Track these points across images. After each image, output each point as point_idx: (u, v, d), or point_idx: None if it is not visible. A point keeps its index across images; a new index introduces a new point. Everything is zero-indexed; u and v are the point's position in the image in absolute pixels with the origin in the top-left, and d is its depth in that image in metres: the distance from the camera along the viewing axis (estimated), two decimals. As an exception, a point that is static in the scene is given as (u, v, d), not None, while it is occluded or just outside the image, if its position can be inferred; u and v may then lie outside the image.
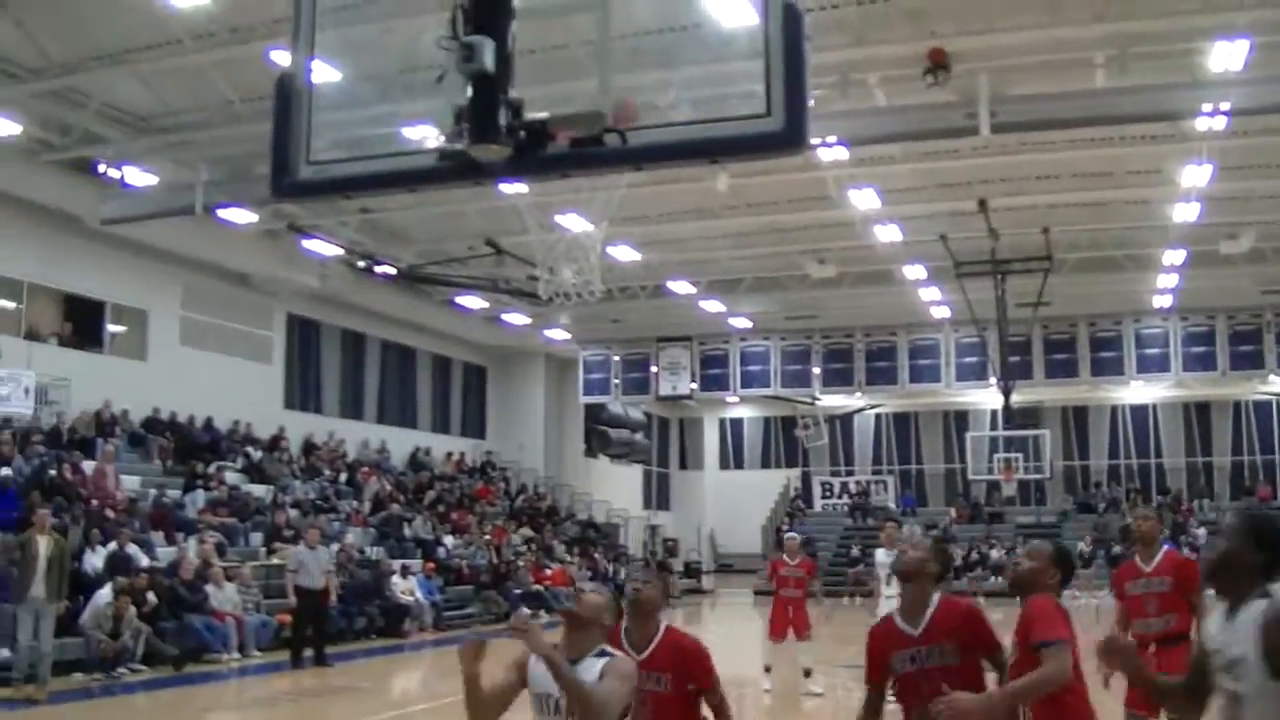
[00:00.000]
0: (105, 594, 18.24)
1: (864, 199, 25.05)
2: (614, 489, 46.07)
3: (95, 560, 19.81)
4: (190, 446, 28.08)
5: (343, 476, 32.30)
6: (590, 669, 5.15)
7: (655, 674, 5.87)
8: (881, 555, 15.43)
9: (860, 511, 46.00)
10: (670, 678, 5.91)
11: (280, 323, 33.33)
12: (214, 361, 30.46)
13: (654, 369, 40.45)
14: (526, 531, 36.33)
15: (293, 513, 26.66)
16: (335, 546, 24.81)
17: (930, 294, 34.81)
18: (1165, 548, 9.57)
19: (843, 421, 48.39)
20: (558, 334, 39.73)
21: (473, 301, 35.76)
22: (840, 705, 14.98)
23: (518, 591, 30.61)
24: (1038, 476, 39.96)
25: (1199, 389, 43.20)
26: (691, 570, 47.18)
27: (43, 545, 15.61)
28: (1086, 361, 37.27)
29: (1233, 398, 44.86)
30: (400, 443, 37.23)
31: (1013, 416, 38.38)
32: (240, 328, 31.84)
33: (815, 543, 42.82)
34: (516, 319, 37.44)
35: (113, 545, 19.92)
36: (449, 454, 39.32)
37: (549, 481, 42.84)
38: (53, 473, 22.14)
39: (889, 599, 13.46)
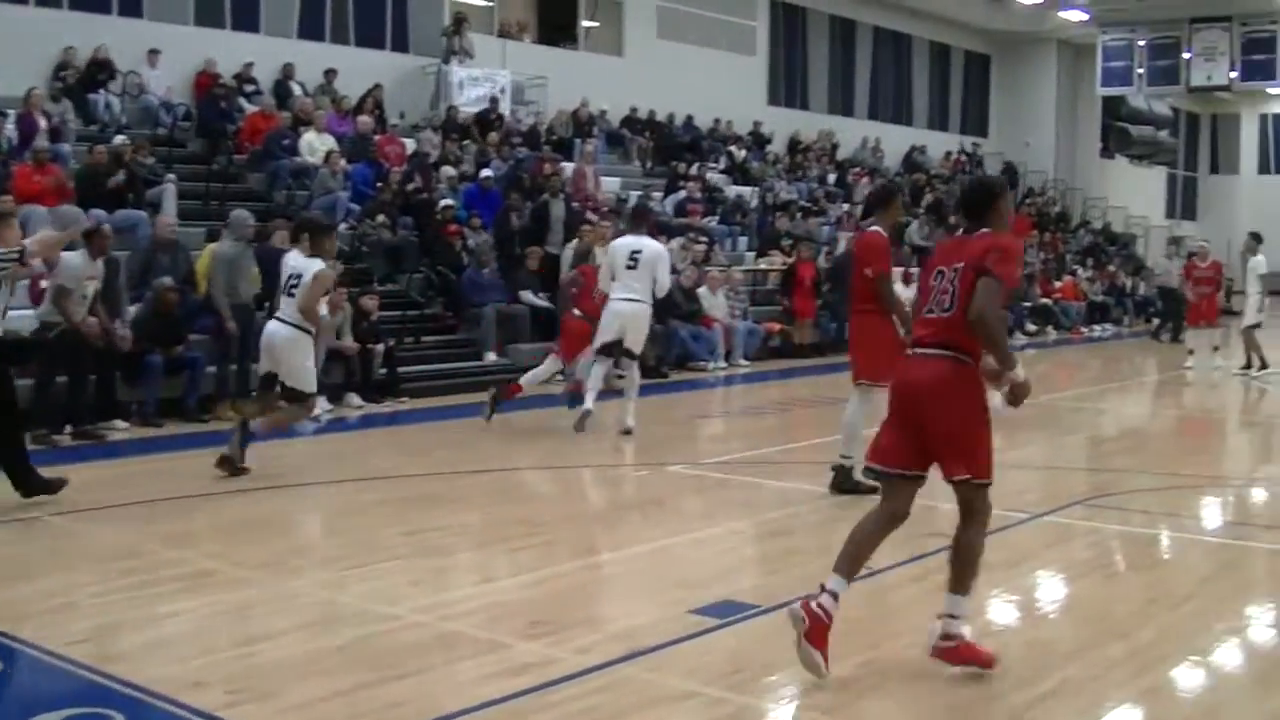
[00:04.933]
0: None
1: None
2: (1132, 194, 44.27)
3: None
4: (670, 146, 28.72)
5: (831, 177, 32.31)
6: None
7: None
8: None
9: None
10: None
11: (763, 10, 33.30)
12: (693, 55, 30.83)
13: (1185, 55, 37.95)
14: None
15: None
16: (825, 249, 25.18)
17: None
18: None
19: None
20: (1073, 15, 37.85)
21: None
22: None
23: (1026, 305, 30.08)
24: None
25: None
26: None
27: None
28: None
29: None
30: (894, 140, 36.82)
31: None
32: (720, 17, 32.00)
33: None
34: (1026, -1, 35.96)
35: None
36: (947, 153, 38.64)
37: (1059, 185, 41.54)
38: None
39: None
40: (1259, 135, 49.76)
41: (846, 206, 30.09)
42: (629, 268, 13.40)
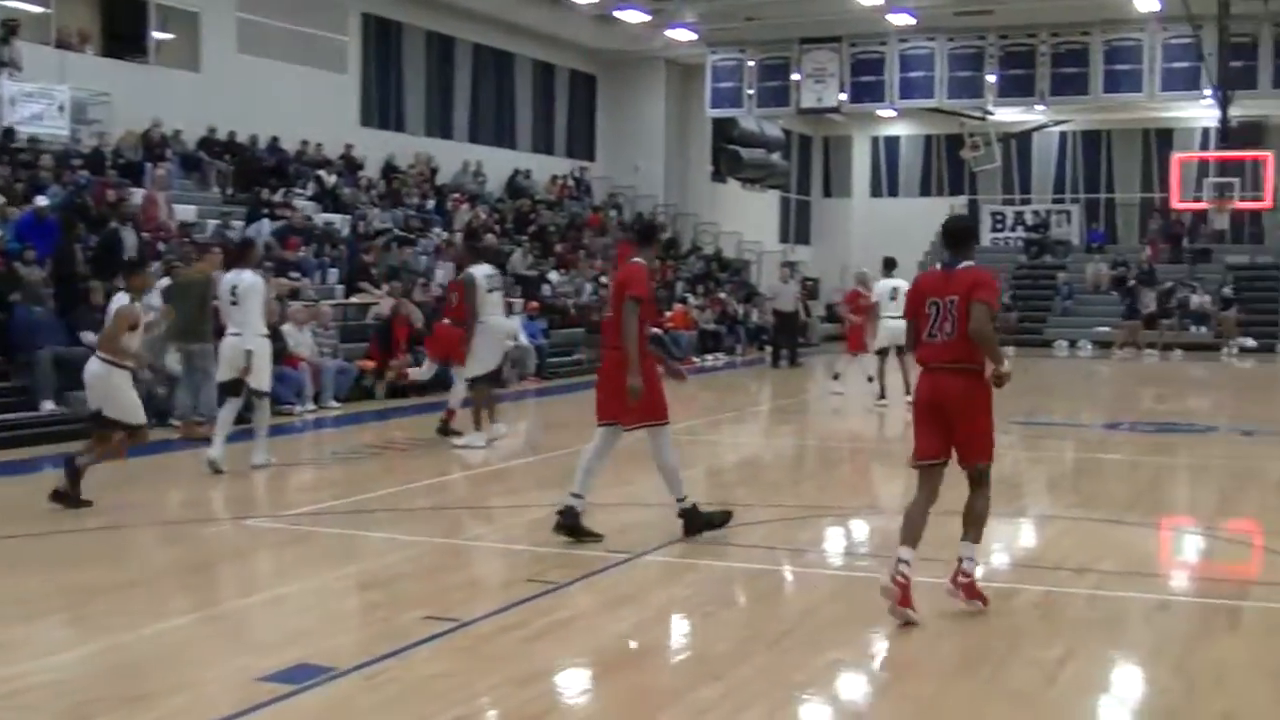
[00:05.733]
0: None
1: None
2: (745, 219, 45.81)
3: (149, 300, 20.11)
4: (253, 171, 28.25)
5: (430, 203, 32.37)
6: None
7: None
8: None
9: (1037, 247, 45.38)
10: None
11: (355, 24, 33.09)
12: (278, 71, 30.40)
13: (795, 76, 39.71)
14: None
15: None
16: (425, 280, 25.24)
17: (1134, -19, 33.64)
18: None
19: (1020, 140, 47.34)
20: (681, 35, 38.95)
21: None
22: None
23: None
24: (1256, 207, 39.03)
25: None
26: (834, 314, 47.04)
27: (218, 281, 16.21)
28: (1327, 68, 35.69)
29: None
30: (496, 164, 37.17)
31: (1230, 134, 37.30)
32: (308, 31, 31.65)
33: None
34: (632, 16, 36.79)
35: (166, 281, 20.11)
36: (553, 177, 39.23)
37: (670, 210, 42.64)
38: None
39: None
40: (870, 158, 52.21)
41: (445, 234, 30.19)
42: (232, 304, 14.50)
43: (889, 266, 22.64)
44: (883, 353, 22.07)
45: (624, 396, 10.39)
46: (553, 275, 31.99)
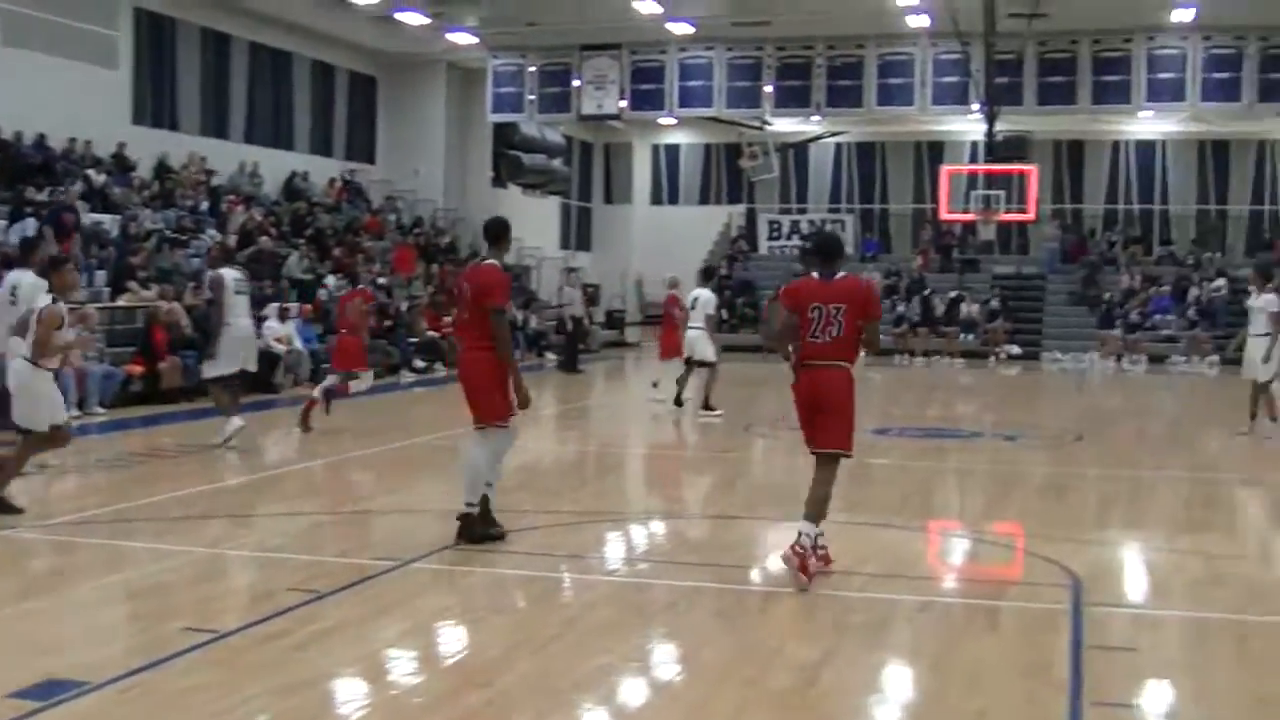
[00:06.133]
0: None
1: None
2: (526, 225, 45.49)
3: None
4: (17, 168, 27.41)
5: (204, 205, 31.75)
6: None
7: None
8: None
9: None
10: None
11: (126, 18, 32.28)
12: (44, 66, 29.49)
13: (576, 83, 39.78)
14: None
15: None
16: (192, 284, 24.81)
17: (906, -2, 34.33)
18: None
19: (796, 150, 47.99)
20: (462, 38, 38.81)
21: (360, -6, 34.83)
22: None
23: (412, 341, 30.57)
24: (1021, 219, 40.23)
25: (1218, 124, 42.83)
26: (614, 320, 47.31)
27: None
28: (1087, 86, 36.71)
29: (1257, 136, 44.76)
30: (273, 166, 36.63)
31: (996, 148, 38.35)
32: (76, 25, 30.77)
33: (759, 289, 43.05)
34: (413, 19, 36.48)
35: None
36: (331, 180, 38.79)
37: (449, 215, 42.47)
38: None
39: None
40: (651, 165, 52.48)
41: (219, 236, 29.62)
42: (11, 304, 13.91)
43: (707, 276, 23.12)
44: (687, 362, 22.18)
45: (481, 396, 10.62)
46: (330, 279, 31.59)
